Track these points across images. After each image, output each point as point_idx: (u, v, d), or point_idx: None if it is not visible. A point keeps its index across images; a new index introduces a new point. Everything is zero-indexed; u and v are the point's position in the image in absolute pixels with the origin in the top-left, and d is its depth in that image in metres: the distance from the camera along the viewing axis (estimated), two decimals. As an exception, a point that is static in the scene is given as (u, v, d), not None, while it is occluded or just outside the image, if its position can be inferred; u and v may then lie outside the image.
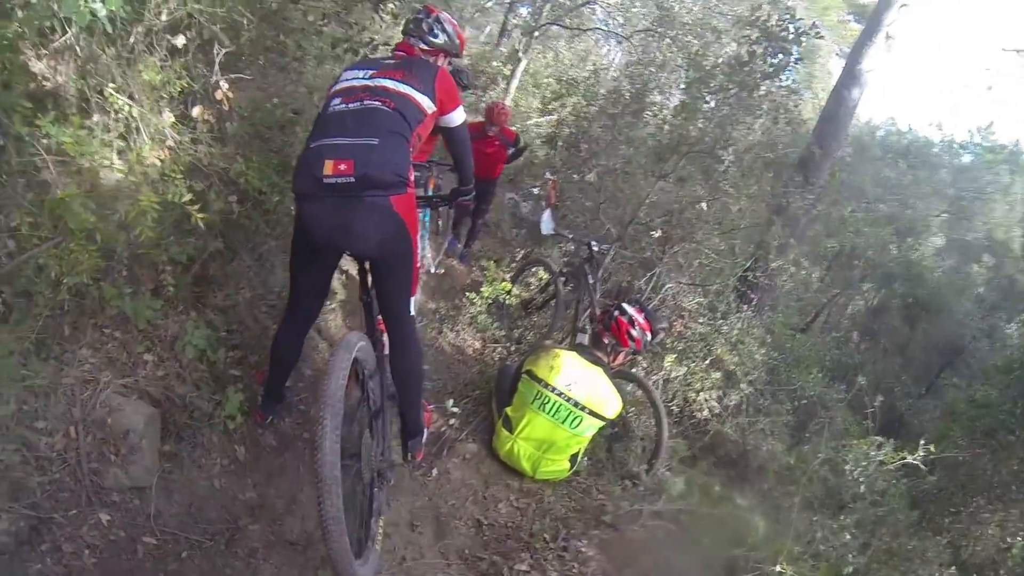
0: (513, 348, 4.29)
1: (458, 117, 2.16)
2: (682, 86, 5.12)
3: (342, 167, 1.76)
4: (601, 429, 3.03)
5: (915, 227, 12.74)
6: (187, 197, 2.11)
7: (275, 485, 2.29)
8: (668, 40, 7.34)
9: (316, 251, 1.97)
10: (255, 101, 2.62)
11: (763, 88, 4.49)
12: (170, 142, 2.30)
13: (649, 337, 3.21)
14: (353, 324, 3.46)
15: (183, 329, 2.10)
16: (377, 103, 1.91)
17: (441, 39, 2.29)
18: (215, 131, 2.49)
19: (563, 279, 4.30)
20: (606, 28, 10.26)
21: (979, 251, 13.92)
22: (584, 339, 3.80)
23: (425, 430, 2.39)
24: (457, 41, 2.36)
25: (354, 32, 2.99)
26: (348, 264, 3.11)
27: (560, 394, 2.90)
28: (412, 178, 1.88)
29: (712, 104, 4.62)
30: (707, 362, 4.41)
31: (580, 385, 2.92)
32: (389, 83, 1.98)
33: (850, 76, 6.61)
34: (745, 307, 5.00)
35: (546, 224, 4.41)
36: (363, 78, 2.01)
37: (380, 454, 2.05)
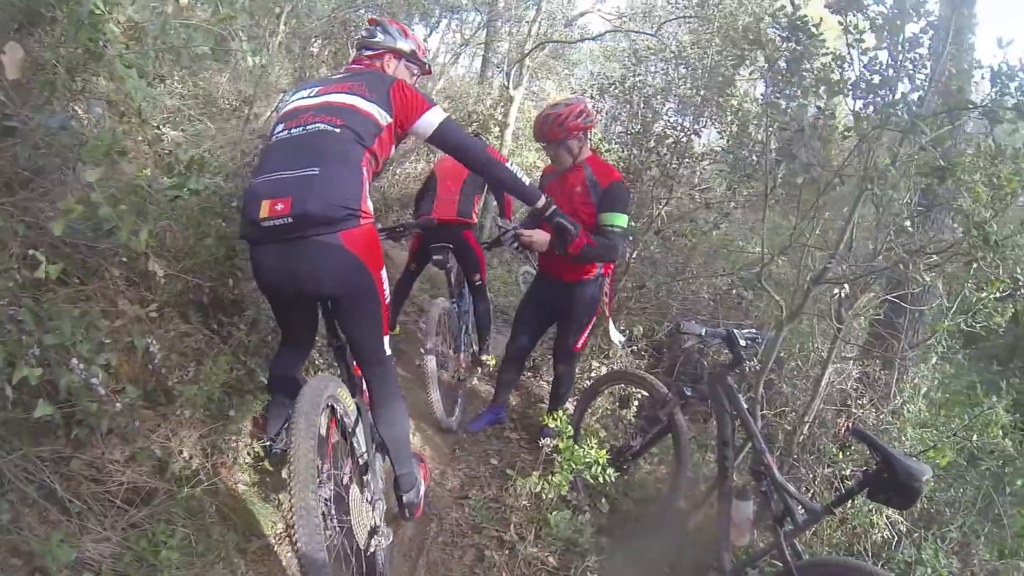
0: (606, 552, 2.42)
1: (434, 117, 1.91)
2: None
3: (279, 207, 1.60)
4: None
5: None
6: None
7: None
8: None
9: (277, 297, 1.87)
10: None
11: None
12: None
13: None
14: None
15: None
16: (322, 124, 1.74)
17: (380, 37, 2.17)
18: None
19: (682, 404, 2.52)
20: (622, 28, 7.88)
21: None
22: (745, 507, 2.03)
23: (422, 484, 2.10)
24: (406, 38, 2.20)
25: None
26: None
27: None
28: (368, 207, 1.72)
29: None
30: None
31: None
32: (335, 97, 1.83)
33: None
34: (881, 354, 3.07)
35: (615, 336, 2.55)
36: (308, 96, 1.86)
37: (373, 509, 1.84)
